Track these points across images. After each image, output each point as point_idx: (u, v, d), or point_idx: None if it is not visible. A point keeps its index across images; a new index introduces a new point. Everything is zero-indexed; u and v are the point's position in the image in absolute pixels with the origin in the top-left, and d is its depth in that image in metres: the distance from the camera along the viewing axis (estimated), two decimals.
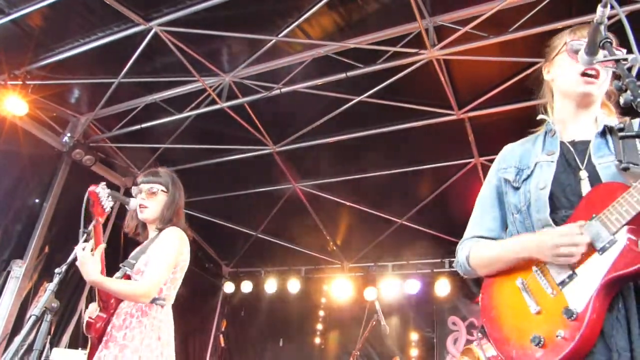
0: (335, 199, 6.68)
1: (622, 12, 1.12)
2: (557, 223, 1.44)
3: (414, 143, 5.67)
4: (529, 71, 4.52)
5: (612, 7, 1.14)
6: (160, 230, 2.67)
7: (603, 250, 1.29)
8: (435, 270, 7.14)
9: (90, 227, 2.29)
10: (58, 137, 6.01)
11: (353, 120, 5.40)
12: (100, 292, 2.49)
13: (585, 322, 1.25)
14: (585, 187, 1.42)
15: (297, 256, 7.93)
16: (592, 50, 1.24)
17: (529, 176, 1.56)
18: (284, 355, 7.88)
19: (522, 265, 1.46)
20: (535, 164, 1.56)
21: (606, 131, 1.49)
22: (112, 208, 2.57)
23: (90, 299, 6.26)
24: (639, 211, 1.22)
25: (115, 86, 5.30)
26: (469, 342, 6.59)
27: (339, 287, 7.51)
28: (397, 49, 4.48)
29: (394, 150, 5.82)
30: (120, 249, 6.79)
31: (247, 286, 8.27)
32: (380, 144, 5.68)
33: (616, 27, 1.31)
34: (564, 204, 1.45)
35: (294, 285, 7.83)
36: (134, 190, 2.78)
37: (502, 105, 4.84)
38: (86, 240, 2.26)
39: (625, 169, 1.08)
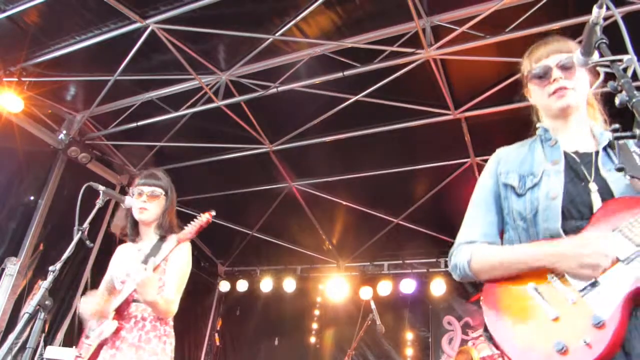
0: (332, 198, 6.68)
1: (617, 12, 1.13)
2: (567, 233, 1.44)
3: (410, 143, 5.68)
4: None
5: (607, 8, 1.14)
6: (162, 236, 2.70)
7: (628, 260, 1.31)
8: (430, 269, 7.16)
9: (86, 224, 2.28)
10: (54, 135, 5.99)
11: (350, 119, 5.40)
12: (124, 303, 2.51)
13: (613, 329, 1.25)
14: (596, 199, 1.44)
15: (293, 255, 7.93)
16: (587, 51, 1.24)
17: (535, 184, 1.55)
18: (279, 354, 7.87)
19: (534, 272, 1.44)
20: (543, 172, 1.56)
21: (609, 145, 1.53)
22: (105, 205, 2.58)
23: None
24: None
25: (111, 84, 5.28)
26: (464, 341, 6.61)
27: (334, 286, 7.51)
28: (394, 48, 4.48)
29: (391, 149, 5.82)
30: (114, 246, 6.75)
31: (242, 285, 8.26)
32: (376, 144, 5.68)
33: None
34: (574, 215, 1.46)
35: (289, 284, 7.83)
36: (132, 190, 2.76)
37: (499, 106, 4.84)
38: (81, 239, 2.24)
39: (625, 171, 1.11)
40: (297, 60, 4.98)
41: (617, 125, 1.08)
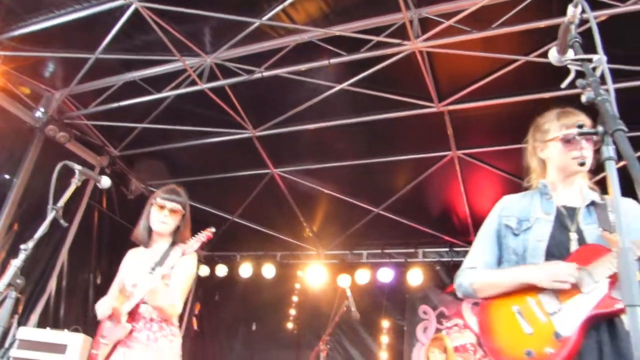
0: (314, 185, 6.69)
1: (592, 14, 1.15)
2: None
3: (393, 133, 5.70)
4: (509, 68, 4.58)
5: (583, 10, 1.16)
6: (174, 243, 2.96)
7: (588, 292, 1.73)
8: (408, 260, 7.25)
9: (60, 203, 2.26)
10: (30, 112, 5.84)
11: (334, 107, 5.40)
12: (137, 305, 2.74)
13: (570, 343, 1.68)
14: (574, 245, 1.87)
15: (273, 242, 7.94)
16: (562, 49, 1.27)
17: (528, 228, 1.98)
18: (257, 339, 7.92)
19: (518, 295, 1.88)
20: (535, 219, 1.99)
21: (591, 204, 1.95)
22: (84, 185, 2.60)
23: (60, 280, 6.17)
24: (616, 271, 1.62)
25: (92, 62, 5.17)
26: (438, 330, 6.73)
27: (313, 274, 7.56)
28: (381, 38, 4.47)
29: (374, 139, 5.84)
30: (93, 229, 6.71)
31: (221, 270, 8.27)
32: (360, 133, 5.69)
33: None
34: (555, 254, 1.87)
35: (268, 271, 7.85)
36: (153, 202, 2.99)
37: (482, 101, 4.89)
38: (55, 218, 2.22)
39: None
40: (284, 45, 4.94)
41: (581, 122, 1.15)
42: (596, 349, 1.70)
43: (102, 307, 2.87)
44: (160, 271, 2.65)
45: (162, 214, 2.94)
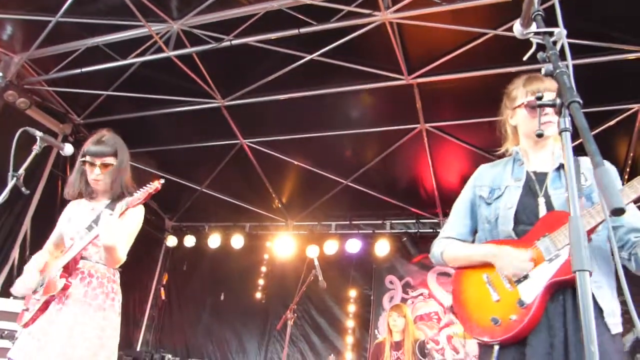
0: (283, 157, 6.68)
1: None
2: (517, 234, 1.91)
3: (362, 105, 5.72)
4: (478, 41, 4.62)
5: None
6: (116, 198, 2.69)
7: (550, 260, 1.77)
8: (376, 231, 7.37)
9: (21, 171, 2.20)
10: None
11: (304, 78, 5.35)
12: (72, 260, 2.52)
13: (532, 311, 1.74)
14: (542, 211, 1.88)
15: (242, 212, 7.95)
16: (525, 22, 1.30)
17: (499, 196, 2.02)
18: (225, 309, 7.99)
19: (487, 264, 1.94)
20: (506, 187, 2.02)
21: (560, 167, 1.93)
22: (47, 153, 2.50)
23: (23, 249, 6.03)
24: None
25: (53, 25, 4.95)
26: (404, 300, 6.93)
27: (282, 245, 7.62)
28: (352, 8, 4.44)
29: (343, 111, 5.85)
30: (57, 197, 6.54)
31: (190, 240, 8.25)
32: (329, 104, 5.68)
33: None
34: (525, 221, 1.91)
35: (237, 241, 7.87)
36: (83, 159, 2.69)
37: (450, 74, 4.94)
38: (16, 186, 2.16)
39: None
40: (253, 13, 4.84)
41: (540, 94, 1.18)
42: (562, 313, 1.74)
43: (35, 263, 2.61)
44: (119, 207, 2.45)
45: (94, 172, 2.67)
